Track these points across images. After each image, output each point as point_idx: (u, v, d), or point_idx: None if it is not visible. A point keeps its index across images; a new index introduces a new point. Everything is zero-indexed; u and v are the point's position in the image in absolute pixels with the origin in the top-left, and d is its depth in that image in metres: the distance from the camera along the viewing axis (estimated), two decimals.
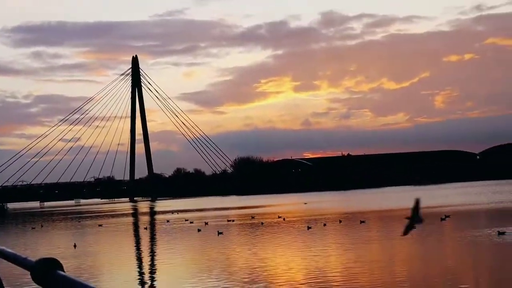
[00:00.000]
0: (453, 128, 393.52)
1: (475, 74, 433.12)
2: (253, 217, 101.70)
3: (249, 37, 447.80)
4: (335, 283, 36.04)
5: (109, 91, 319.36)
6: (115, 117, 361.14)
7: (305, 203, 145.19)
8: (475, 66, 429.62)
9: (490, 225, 63.12)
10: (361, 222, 78.15)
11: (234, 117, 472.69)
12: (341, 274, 39.18)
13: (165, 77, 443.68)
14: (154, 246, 66.52)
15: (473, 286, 33.69)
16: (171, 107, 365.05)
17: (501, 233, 54.98)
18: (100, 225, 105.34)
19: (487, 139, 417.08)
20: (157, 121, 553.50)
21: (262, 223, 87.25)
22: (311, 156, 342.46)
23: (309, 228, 74.30)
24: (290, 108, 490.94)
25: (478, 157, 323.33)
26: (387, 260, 45.20)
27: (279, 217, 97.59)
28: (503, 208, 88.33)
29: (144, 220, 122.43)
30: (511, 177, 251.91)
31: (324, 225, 77.63)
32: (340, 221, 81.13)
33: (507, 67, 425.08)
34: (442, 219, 75.16)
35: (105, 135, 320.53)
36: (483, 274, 38.27)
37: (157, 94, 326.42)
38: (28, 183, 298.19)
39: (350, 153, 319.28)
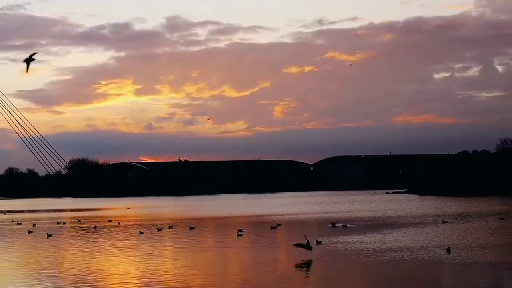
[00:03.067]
0: (290, 138, 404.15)
1: (313, 87, 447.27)
2: (79, 221, 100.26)
3: (91, 37, 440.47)
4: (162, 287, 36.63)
5: None
6: None
7: (128, 208, 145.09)
8: (314, 79, 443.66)
9: (312, 235, 65.80)
10: (191, 228, 79.47)
11: (73, 118, 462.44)
12: (168, 279, 39.76)
13: (2, 73, 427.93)
14: None
15: None
16: (5, 104, 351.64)
17: (318, 242, 58.38)
18: None
19: (321, 150, 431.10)
20: None
21: (95, 227, 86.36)
22: (148, 160, 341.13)
23: (141, 233, 74.57)
24: (133, 111, 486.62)
25: (312, 168, 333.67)
26: (211, 266, 46.17)
27: (109, 221, 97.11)
28: (329, 218, 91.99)
29: None
30: (341, 189, 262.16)
31: (159, 230, 78.02)
32: (171, 227, 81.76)
33: (344, 81, 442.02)
34: (273, 228, 77.47)
35: None
36: (297, 279, 39.99)
37: None
38: None
39: (187, 159, 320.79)
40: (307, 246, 50.42)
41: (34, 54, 31.99)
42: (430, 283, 37.45)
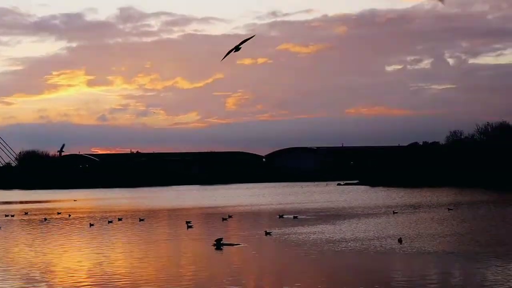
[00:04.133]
0: (244, 130, 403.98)
1: (267, 78, 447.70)
2: (26, 213, 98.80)
3: (43, 27, 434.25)
4: (111, 279, 36.26)
5: None
6: None
7: (75, 200, 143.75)
8: (267, 70, 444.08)
9: (262, 226, 65.91)
10: (141, 220, 79.12)
11: (25, 109, 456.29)
12: (119, 271, 39.44)
13: None
14: None
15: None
16: None
17: (268, 233, 58.84)
18: None
19: (274, 142, 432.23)
20: None
21: (45, 219, 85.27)
22: (100, 152, 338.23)
23: (91, 225, 73.96)
24: (86, 103, 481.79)
25: (264, 159, 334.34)
26: (160, 258, 45.91)
27: (58, 213, 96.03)
28: (281, 209, 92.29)
29: None
30: (294, 180, 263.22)
31: (109, 222, 77.42)
32: (120, 219, 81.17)
33: (297, 73, 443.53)
34: (224, 219, 77.42)
35: None
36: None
37: None
38: None
39: (139, 151, 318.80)
40: (218, 245, 50.42)
41: None
42: (382, 273, 37.69)
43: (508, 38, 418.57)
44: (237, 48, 29.54)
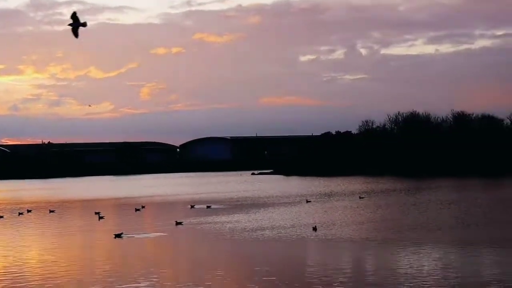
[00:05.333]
0: (158, 120, 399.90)
1: (181, 68, 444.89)
2: None
3: None
4: (20, 271, 35.41)
5: None
6: None
7: None
8: (181, 60, 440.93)
9: (174, 216, 65.05)
10: (51, 211, 77.62)
11: None
12: (26, 263, 38.53)
13: None
14: None
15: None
16: None
17: (179, 223, 58.54)
18: None
19: (189, 132, 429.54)
20: None
21: None
22: (10, 143, 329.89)
23: (1, 217, 72.15)
24: None
25: (178, 149, 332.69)
26: (72, 249, 45.12)
27: None
28: (192, 200, 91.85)
29: None
30: (208, 170, 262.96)
31: (20, 214, 75.64)
32: (29, 211, 79.36)
33: (211, 63, 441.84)
34: (137, 210, 76.59)
35: None
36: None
37: None
38: None
39: (51, 141, 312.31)
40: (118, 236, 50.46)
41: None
42: (298, 260, 37.88)
43: (419, 29, 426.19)
44: (83, 24, 28.35)
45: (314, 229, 50.97)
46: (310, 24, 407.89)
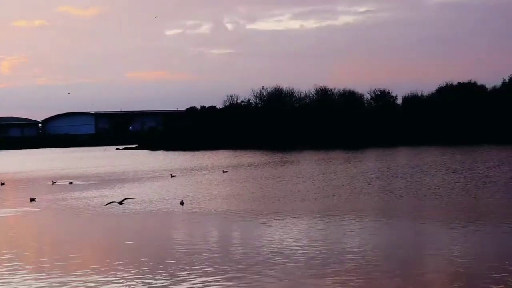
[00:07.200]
0: (19, 95, 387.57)
1: (44, 41, 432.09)
2: None
3: None
4: None
5: None
6: None
7: None
8: (45, 33, 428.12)
9: (31, 194, 62.98)
10: None
11: None
12: None
13: None
14: None
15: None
16: None
17: (32, 200, 57.17)
18: None
19: (53, 107, 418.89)
20: None
21: None
22: None
23: None
24: None
25: (40, 124, 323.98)
26: None
27: None
28: (54, 176, 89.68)
29: None
30: (71, 145, 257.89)
31: None
32: None
33: (77, 36, 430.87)
34: None
35: None
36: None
37: None
38: None
39: None
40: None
41: None
42: (166, 235, 37.66)
43: (286, 4, 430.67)
44: None
45: (181, 203, 50.71)
46: None
